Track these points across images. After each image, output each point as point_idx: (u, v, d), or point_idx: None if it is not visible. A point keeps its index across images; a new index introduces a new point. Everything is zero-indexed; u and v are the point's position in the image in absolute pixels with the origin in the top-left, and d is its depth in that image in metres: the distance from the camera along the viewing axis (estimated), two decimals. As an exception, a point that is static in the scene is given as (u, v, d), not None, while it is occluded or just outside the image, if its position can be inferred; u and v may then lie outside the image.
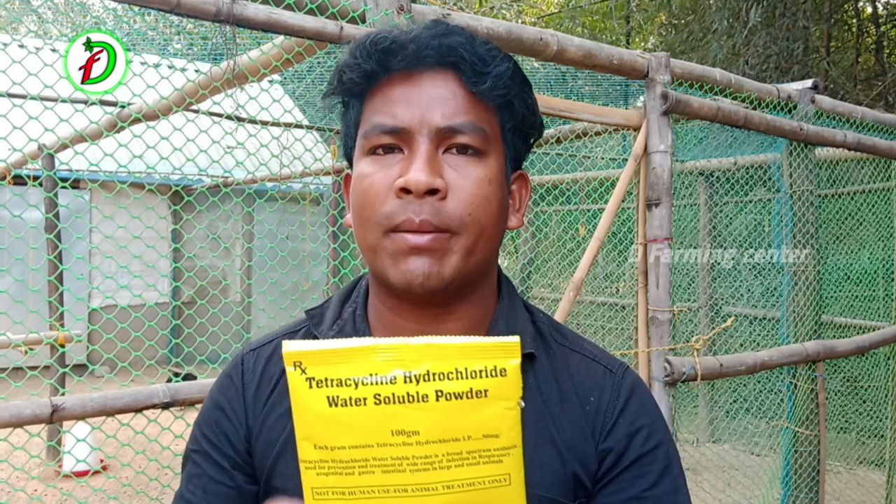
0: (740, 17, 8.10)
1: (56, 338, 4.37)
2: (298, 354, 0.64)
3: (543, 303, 5.79)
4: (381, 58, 0.77)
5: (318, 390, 0.63)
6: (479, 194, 0.76)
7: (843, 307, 4.94)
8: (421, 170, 0.73)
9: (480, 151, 0.77)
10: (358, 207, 0.78)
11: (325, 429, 0.64)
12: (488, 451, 0.65)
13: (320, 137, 5.11)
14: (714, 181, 5.36)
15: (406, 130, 0.75)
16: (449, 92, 0.77)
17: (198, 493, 0.83)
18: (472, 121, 0.77)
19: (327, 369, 0.64)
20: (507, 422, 0.65)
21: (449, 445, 0.64)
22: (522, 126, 0.83)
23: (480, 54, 0.77)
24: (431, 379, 0.63)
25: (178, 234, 7.35)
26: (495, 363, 0.64)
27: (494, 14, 9.66)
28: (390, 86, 0.78)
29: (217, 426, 0.84)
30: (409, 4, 1.87)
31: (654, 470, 0.79)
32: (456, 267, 0.75)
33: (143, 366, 2.36)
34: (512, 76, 0.79)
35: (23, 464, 3.90)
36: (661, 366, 2.29)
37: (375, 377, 0.63)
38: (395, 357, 0.63)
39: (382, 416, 0.63)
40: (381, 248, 0.75)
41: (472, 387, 0.64)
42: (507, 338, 0.66)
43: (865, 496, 4.38)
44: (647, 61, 2.38)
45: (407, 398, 0.63)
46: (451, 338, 0.65)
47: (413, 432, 0.63)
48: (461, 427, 0.64)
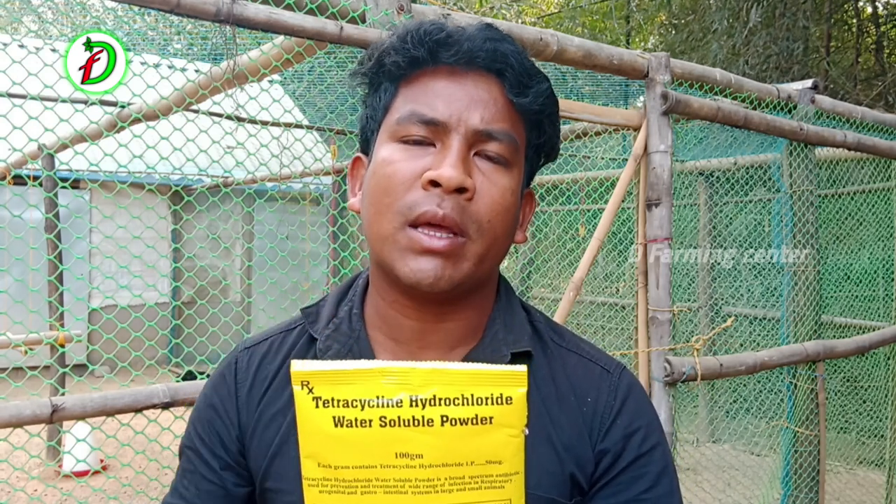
0: (740, 17, 8.10)
1: (56, 338, 4.37)
2: (306, 374, 0.65)
3: (543, 303, 5.79)
4: (433, 47, 0.77)
5: (324, 410, 0.64)
6: (502, 203, 0.76)
7: (843, 307, 4.94)
8: (454, 166, 0.73)
9: (508, 162, 0.78)
10: (378, 192, 0.76)
11: (330, 448, 0.64)
12: (490, 477, 0.65)
13: (320, 137, 5.11)
14: (714, 181, 5.36)
15: (443, 125, 0.75)
16: (491, 97, 0.77)
17: (191, 488, 0.84)
18: (508, 130, 0.77)
19: (334, 389, 0.64)
20: (511, 449, 0.66)
21: (452, 470, 0.64)
22: (545, 146, 0.84)
23: (527, 67, 0.78)
24: (437, 404, 0.64)
25: (178, 234, 7.35)
26: (501, 391, 0.65)
27: (494, 14, 9.66)
28: (434, 78, 0.77)
29: (210, 425, 0.84)
30: (409, 4, 1.87)
31: (652, 471, 0.79)
32: (467, 272, 0.75)
33: (143, 366, 2.36)
34: (549, 96, 0.80)
35: (23, 464, 3.90)
36: (661, 366, 2.29)
37: (382, 399, 0.64)
38: (402, 380, 0.64)
39: (387, 438, 0.64)
40: (395, 241, 0.75)
41: (478, 413, 0.64)
42: (515, 367, 0.66)
43: (865, 496, 4.38)
44: (647, 61, 2.38)
45: (412, 421, 0.63)
46: (458, 364, 0.66)
47: (417, 455, 0.64)
48: (465, 452, 0.64)
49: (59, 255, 4.18)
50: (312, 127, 4.67)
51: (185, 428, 0.88)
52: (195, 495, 0.83)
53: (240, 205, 2.35)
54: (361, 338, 0.82)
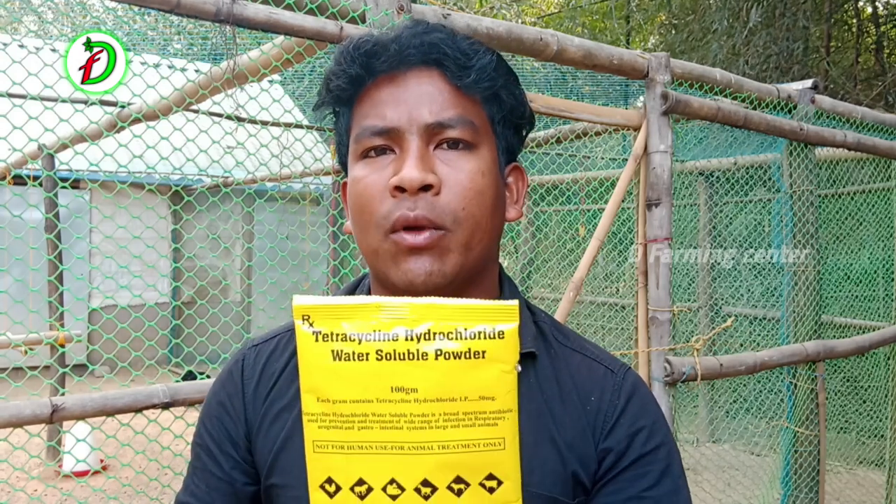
0: (740, 17, 8.10)
1: (56, 338, 4.36)
2: (307, 308, 0.66)
3: (543, 303, 5.79)
4: (365, 61, 0.77)
5: (323, 344, 0.66)
6: (473, 188, 0.77)
7: (843, 307, 4.94)
8: (413, 167, 0.74)
9: (471, 145, 0.78)
10: (356, 211, 0.79)
11: (329, 382, 0.66)
12: (484, 414, 0.66)
13: (320, 137, 5.10)
14: (714, 181, 5.36)
15: (396, 130, 0.76)
16: (435, 89, 0.77)
17: (201, 486, 0.85)
18: (461, 114, 0.77)
19: (334, 324, 0.66)
20: (504, 385, 0.67)
21: (446, 405, 0.65)
22: (512, 117, 0.83)
23: (462, 49, 0.78)
24: (432, 338, 0.66)
25: (178, 234, 7.35)
26: (494, 325, 0.67)
27: (494, 14, 9.66)
28: (377, 88, 0.78)
29: (219, 422, 0.85)
30: (409, 4, 1.87)
31: (655, 470, 0.79)
32: (456, 263, 0.76)
33: (143, 366, 2.36)
34: (496, 68, 0.79)
35: (23, 464, 3.90)
36: (661, 366, 2.29)
37: (379, 333, 0.66)
38: (398, 315, 0.66)
39: (383, 371, 0.65)
40: (383, 251, 0.76)
41: (471, 347, 0.66)
42: (507, 301, 0.68)
43: (865, 496, 4.38)
44: (647, 61, 2.38)
45: (408, 355, 0.65)
46: (453, 299, 0.68)
47: (412, 389, 0.65)
48: (458, 387, 0.66)
49: (59, 255, 4.18)
50: (312, 127, 4.67)
51: (196, 426, 0.89)
52: (205, 493, 0.84)
53: (240, 205, 2.35)
54: None
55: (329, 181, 5.73)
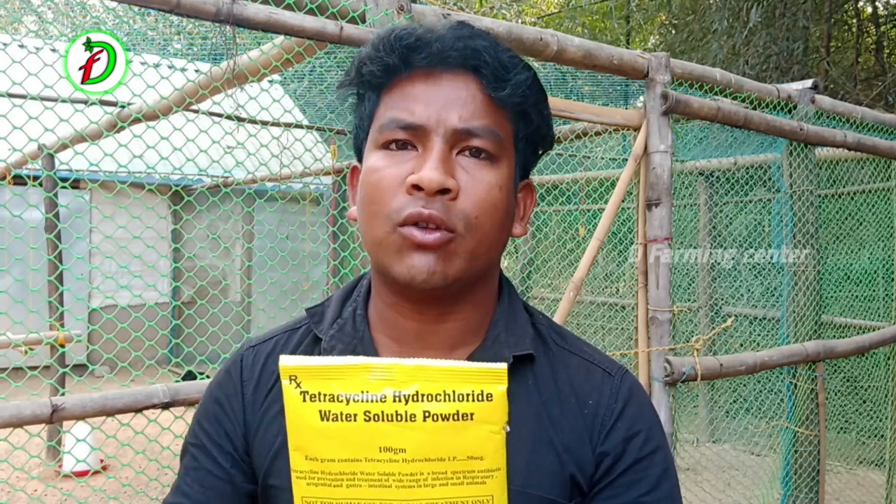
0: (740, 17, 8.10)
1: (56, 338, 4.36)
2: (294, 369, 0.66)
3: (543, 303, 5.79)
4: (404, 53, 0.77)
5: (311, 404, 0.66)
6: (489, 199, 0.76)
7: (843, 307, 4.94)
8: (434, 168, 0.73)
9: (493, 156, 0.77)
10: (366, 200, 0.78)
11: (317, 441, 0.66)
12: (472, 473, 0.67)
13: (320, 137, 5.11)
14: (714, 181, 5.36)
15: (422, 128, 0.76)
16: (468, 94, 0.77)
17: (195, 486, 0.83)
18: (489, 125, 0.77)
19: (321, 384, 0.66)
20: (492, 445, 0.67)
21: (434, 465, 0.66)
22: (535, 136, 0.84)
23: (503, 60, 0.77)
24: (420, 399, 0.65)
25: (178, 234, 7.35)
26: (482, 388, 0.66)
27: (494, 14, 9.66)
28: (410, 82, 0.78)
29: (217, 421, 0.84)
30: (409, 4, 1.87)
31: (652, 475, 0.79)
32: (459, 269, 0.76)
33: (143, 366, 2.36)
34: (531, 85, 0.79)
35: (23, 464, 3.89)
36: (661, 366, 2.29)
37: (367, 394, 0.65)
38: (386, 376, 0.66)
39: (371, 432, 0.65)
40: (388, 243, 0.75)
41: (459, 409, 0.66)
42: (495, 364, 0.67)
43: (865, 496, 4.38)
44: (647, 61, 2.38)
45: (396, 416, 0.65)
46: (441, 361, 0.67)
47: (400, 450, 0.65)
48: (447, 447, 0.66)
49: (59, 255, 4.18)
50: (312, 127, 4.67)
51: (189, 426, 0.88)
52: (200, 493, 0.83)
53: (240, 205, 2.35)
54: (365, 338, 0.83)
55: (329, 181, 5.74)
